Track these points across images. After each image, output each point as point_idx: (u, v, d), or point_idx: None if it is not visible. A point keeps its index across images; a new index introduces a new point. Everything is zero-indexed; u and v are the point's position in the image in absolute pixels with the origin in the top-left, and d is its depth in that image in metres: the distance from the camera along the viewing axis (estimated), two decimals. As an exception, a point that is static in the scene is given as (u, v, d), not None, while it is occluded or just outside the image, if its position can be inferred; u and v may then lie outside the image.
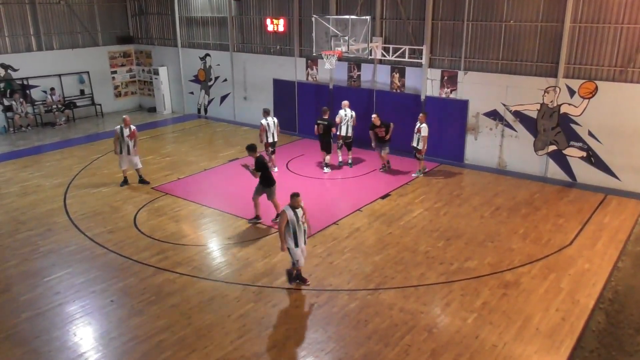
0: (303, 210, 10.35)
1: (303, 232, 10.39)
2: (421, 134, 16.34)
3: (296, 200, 10.21)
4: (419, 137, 16.49)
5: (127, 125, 16.05)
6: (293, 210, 10.21)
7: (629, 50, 14.97)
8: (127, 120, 16.14)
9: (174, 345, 9.02)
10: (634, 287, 10.74)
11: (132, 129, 16.19)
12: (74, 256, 12.16)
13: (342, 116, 17.74)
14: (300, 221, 10.27)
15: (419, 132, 16.43)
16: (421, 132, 16.34)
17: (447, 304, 10.13)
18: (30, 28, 24.16)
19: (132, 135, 16.11)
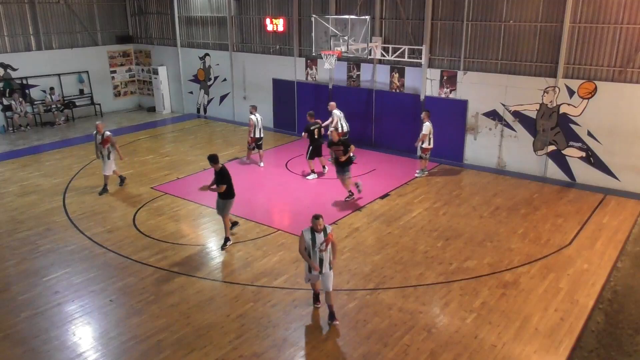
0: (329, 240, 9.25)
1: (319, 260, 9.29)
2: (422, 132, 16.47)
3: (315, 223, 9.17)
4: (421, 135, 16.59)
5: (100, 131, 15.44)
6: (312, 233, 9.28)
7: (628, 51, 14.98)
8: (99, 127, 15.52)
9: (173, 345, 9.02)
10: (633, 287, 10.74)
11: (106, 135, 15.46)
12: (73, 256, 12.15)
13: (338, 115, 18.25)
14: (317, 247, 9.23)
15: None
16: (422, 130, 16.47)
17: (446, 304, 10.13)
18: (30, 27, 24.15)
19: (106, 142, 15.44)
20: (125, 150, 20.19)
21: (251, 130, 18.01)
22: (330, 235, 9.28)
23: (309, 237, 9.25)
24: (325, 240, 9.22)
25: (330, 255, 9.42)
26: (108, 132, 15.64)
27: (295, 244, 12.48)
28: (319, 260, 9.31)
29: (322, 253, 9.27)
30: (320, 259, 9.30)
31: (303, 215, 14.20)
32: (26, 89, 23.97)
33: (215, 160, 12.27)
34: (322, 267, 9.36)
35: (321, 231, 9.23)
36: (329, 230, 9.32)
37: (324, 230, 9.25)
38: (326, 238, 9.23)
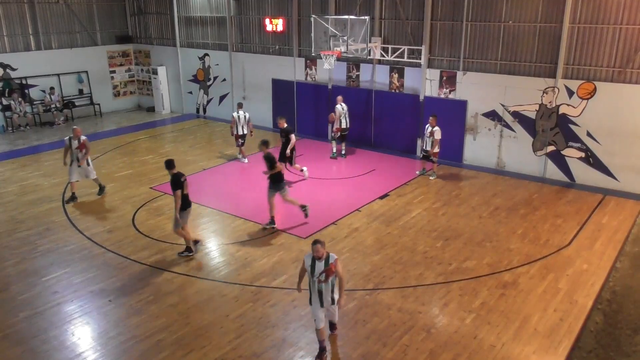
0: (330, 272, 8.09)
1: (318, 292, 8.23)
2: (434, 137, 16.32)
3: (313, 249, 8.11)
4: (432, 140, 16.45)
5: (77, 136, 14.96)
6: (312, 259, 8.23)
7: (627, 51, 14.99)
8: (77, 131, 15.03)
9: (172, 345, 9.02)
10: (632, 287, 10.75)
11: (82, 139, 15.01)
12: (73, 255, 12.15)
13: (340, 110, 18.60)
14: (315, 277, 8.16)
15: (432, 136, 16.38)
16: (434, 135, 16.31)
17: (445, 304, 10.14)
18: (29, 27, 24.14)
19: (82, 147, 15.01)
20: (124, 150, 20.24)
21: (232, 127, 18.55)
22: (332, 266, 8.10)
23: (309, 263, 8.25)
24: (326, 271, 8.10)
25: (332, 289, 8.28)
26: (84, 137, 15.18)
27: (295, 244, 12.55)
28: (318, 292, 8.21)
29: (322, 284, 8.17)
30: (319, 290, 8.21)
31: (302, 215, 14.22)
32: (25, 88, 23.96)
33: (169, 166, 11.85)
34: (322, 299, 8.27)
35: (322, 259, 8.14)
36: (332, 260, 8.14)
37: (326, 258, 8.15)
38: (327, 268, 8.11)
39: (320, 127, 21.72)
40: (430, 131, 16.38)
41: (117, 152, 20.03)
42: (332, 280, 8.23)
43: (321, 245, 8.11)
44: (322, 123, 21.59)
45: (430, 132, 16.37)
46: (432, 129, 16.37)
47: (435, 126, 16.33)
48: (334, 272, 8.14)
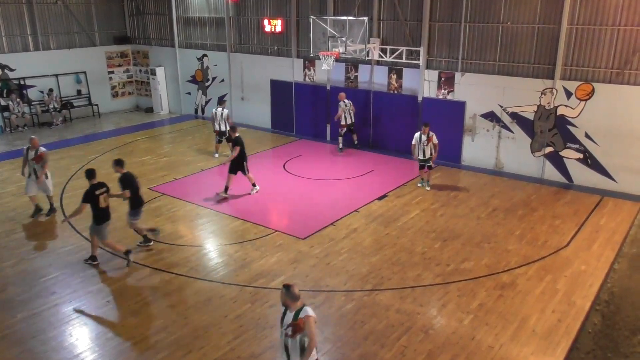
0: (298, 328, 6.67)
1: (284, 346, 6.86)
2: (433, 141, 15.76)
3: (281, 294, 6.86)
4: (431, 149, 15.73)
5: (34, 147, 13.97)
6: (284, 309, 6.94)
7: (625, 52, 15.01)
8: (34, 141, 14.00)
9: (170, 346, 9.01)
10: (630, 288, 10.76)
11: (40, 151, 13.99)
12: (71, 256, 12.13)
13: (343, 107, 19.19)
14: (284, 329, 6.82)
15: (430, 142, 15.69)
16: (433, 140, 15.75)
17: (443, 305, 10.14)
18: (27, 28, 24.12)
19: (39, 159, 13.98)
20: (123, 151, 20.22)
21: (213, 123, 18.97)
22: (300, 322, 6.68)
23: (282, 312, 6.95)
24: (293, 325, 6.72)
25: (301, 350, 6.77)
26: (43, 149, 14.23)
27: (293, 244, 12.54)
28: (284, 346, 6.89)
29: (288, 339, 6.82)
30: (285, 344, 6.88)
31: (301, 216, 14.26)
32: (24, 89, 23.94)
33: (119, 165, 12.05)
34: (289, 355, 6.89)
35: (293, 310, 6.77)
36: (302, 315, 6.70)
37: (297, 311, 6.73)
38: (295, 322, 6.72)
39: (318, 128, 21.72)
40: (428, 138, 15.67)
41: (116, 153, 20.00)
42: (302, 338, 6.73)
43: (289, 294, 6.73)
44: (320, 124, 21.60)
45: (428, 139, 15.67)
46: (427, 136, 15.66)
47: (429, 132, 15.71)
48: (302, 330, 6.70)
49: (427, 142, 15.66)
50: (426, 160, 15.88)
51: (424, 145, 15.71)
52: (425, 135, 15.66)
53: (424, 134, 15.67)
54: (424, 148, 15.73)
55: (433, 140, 15.76)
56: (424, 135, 15.67)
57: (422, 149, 15.75)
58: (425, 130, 15.67)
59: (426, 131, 15.66)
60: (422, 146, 15.75)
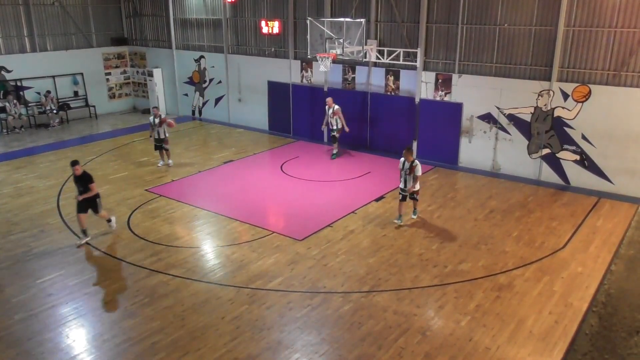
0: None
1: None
2: (415, 172, 13.10)
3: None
4: (413, 177, 13.17)
5: None
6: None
7: (622, 54, 15.05)
8: None
9: (167, 347, 9.00)
10: (626, 290, 10.77)
11: None
12: (67, 258, 12.11)
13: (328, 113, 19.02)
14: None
15: (412, 172, 13.14)
16: (415, 171, 13.09)
17: (440, 307, 10.14)
18: (24, 29, 24.08)
19: None
20: (120, 152, 20.20)
21: None
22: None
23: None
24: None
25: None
26: None
27: (290, 246, 12.54)
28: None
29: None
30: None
31: (298, 217, 14.24)
32: (20, 90, 23.89)
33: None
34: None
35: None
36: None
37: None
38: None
39: (315, 130, 21.71)
40: (410, 167, 13.14)
41: (113, 154, 19.99)
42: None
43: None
44: (317, 125, 21.60)
45: (410, 168, 13.13)
46: (409, 164, 13.14)
47: (413, 160, 13.19)
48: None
49: (409, 170, 13.14)
50: (407, 191, 13.43)
51: (405, 174, 13.25)
52: (409, 163, 13.13)
53: (407, 160, 13.15)
54: (405, 177, 13.29)
55: (415, 171, 13.05)
56: (407, 161, 13.17)
57: (404, 178, 13.31)
58: (406, 155, 13.16)
59: (409, 157, 13.14)
60: (403, 174, 13.31)
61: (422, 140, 19.05)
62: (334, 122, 18.83)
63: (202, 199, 15.50)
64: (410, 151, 13.22)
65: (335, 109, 18.67)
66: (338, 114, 18.72)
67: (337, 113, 18.71)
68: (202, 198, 15.60)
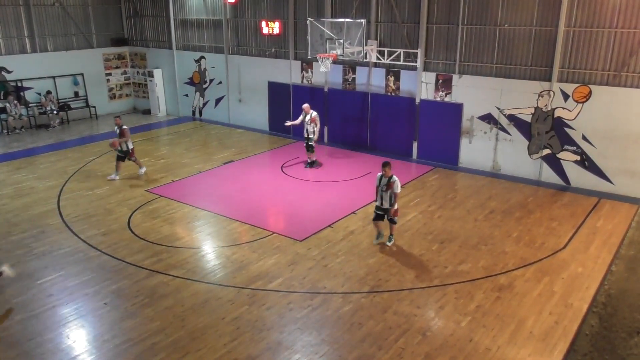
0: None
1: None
2: (393, 189, 12.01)
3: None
4: (390, 195, 12.07)
5: None
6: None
7: (622, 55, 15.04)
8: None
9: (167, 348, 9.00)
10: (627, 290, 10.77)
11: None
12: (68, 258, 12.11)
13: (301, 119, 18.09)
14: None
15: (389, 189, 12.01)
16: (393, 188, 12.00)
17: (441, 307, 10.14)
18: (25, 30, 24.09)
19: None
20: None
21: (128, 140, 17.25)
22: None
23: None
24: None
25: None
26: None
27: (291, 246, 12.54)
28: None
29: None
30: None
31: (298, 218, 14.25)
32: (21, 91, 23.91)
33: None
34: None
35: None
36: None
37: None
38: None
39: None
40: (388, 183, 12.05)
41: (113, 155, 19.95)
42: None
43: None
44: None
45: (389, 184, 12.04)
46: (387, 180, 12.07)
47: (392, 177, 12.06)
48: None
49: (386, 187, 12.08)
50: (384, 210, 12.33)
51: (382, 191, 12.19)
52: (386, 179, 12.10)
53: (385, 176, 12.13)
54: (382, 194, 12.21)
55: (393, 187, 12.02)
56: (385, 177, 12.14)
57: (380, 195, 12.24)
58: (385, 171, 12.15)
59: (387, 173, 12.12)
60: (380, 191, 12.26)
61: (422, 140, 19.06)
62: (311, 129, 17.67)
63: (203, 200, 15.50)
64: (389, 166, 12.16)
65: (313, 115, 17.60)
66: (315, 121, 17.63)
67: (315, 120, 17.62)
68: (202, 199, 15.60)
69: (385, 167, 12.12)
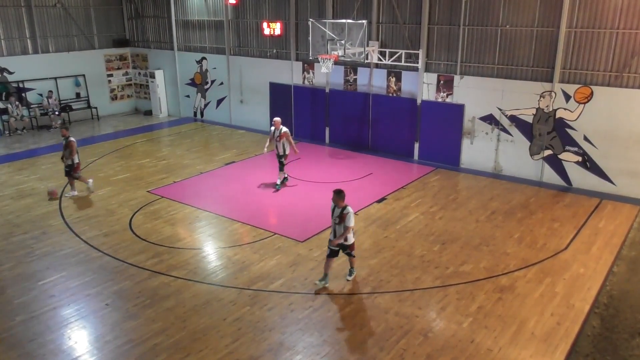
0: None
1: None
2: (346, 223, 10.35)
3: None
4: (343, 227, 10.41)
5: None
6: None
7: (624, 56, 15.03)
8: None
9: (169, 349, 9.00)
10: (628, 291, 10.76)
11: None
12: (69, 259, 12.12)
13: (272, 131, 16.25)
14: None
15: (342, 221, 10.38)
16: (345, 221, 10.34)
17: (442, 308, 10.13)
18: (27, 31, 24.11)
19: None
20: (121, 153, 20.22)
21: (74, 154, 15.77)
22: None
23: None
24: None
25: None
26: None
27: (292, 247, 12.54)
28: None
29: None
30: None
31: (299, 218, 14.24)
32: (22, 92, 23.92)
33: None
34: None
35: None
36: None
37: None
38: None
39: (317, 131, 21.73)
40: (341, 214, 10.37)
41: (114, 156, 20.02)
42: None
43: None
44: (319, 126, 21.62)
45: (341, 216, 10.38)
46: (340, 211, 10.41)
47: (345, 208, 10.40)
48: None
49: (339, 219, 10.44)
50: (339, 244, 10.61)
51: (335, 223, 10.54)
52: (339, 210, 10.43)
53: (337, 205, 10.46)
54: (335, 227, 10.57)
55: (346, 220, 10.34)
56: (338, 208, 10.47)
57: (334, 228, 10.61)
58: (336, 201, 10.45)
59: (339, 203, 10.41)
60: (332, 223, 10.63)
61: (423, 141, 19.05)
62: (281, 147, 15.98)
63: (204, 201, 15.50)
64: (341, 195, 10.39)
65: (283, 131, 15.84)
66: (286, 137, 15.92)
67: (285, 136, 15.87)
68: (203, 199, 15.61)
69: (336, 196, 10.41)
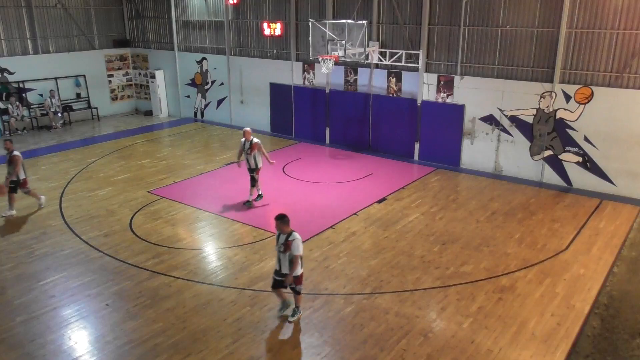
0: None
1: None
2: (292, 251, 9.24)
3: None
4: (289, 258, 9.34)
5: None
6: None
7: (624, 56, 15.03)
8: None
9: (169, 349, 9.00)
10: (629, 292, 10.76)
11: None
12: (69, 260, 12.12)
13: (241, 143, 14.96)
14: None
15: (288, 250, 9.26)
16: (292, 249, 9.24)
17: (442, 309, 10.13)
18: (27, 31, 24.12)
19: None
20: (122, 154, 20.22)
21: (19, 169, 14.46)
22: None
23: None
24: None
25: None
26: None
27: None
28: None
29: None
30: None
31: (299, 219, 14.21)
32: (23, 92, 23.93)
33: None
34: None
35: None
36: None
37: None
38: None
39: (317, 131, 21.73)
40: (286, 241, 9.27)
41: (115, 156, 20.02)
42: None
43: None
44: (319, 127, 21.62)
45: (286, 243, 9.26)
46: (285, 237, 9.32)
47: (291, 234, 9.31)
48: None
49: (284, 247, 9.33)
50: (283, 275, 9.51)
51: (279, 251, 9.44)
52: (284, 236, 9.34)
53: (282, 231, 9.36)
54: (279, 255, 9.48)
55: (292, 248, 9.22)
56: (283, 234, 9.36)
57: (278, 257, 9.53)
58: (280, 227, 9.34)
59: (283, 229, 9.33)
60: (277, 251, 9.53)
61: (424, 141, 19.05)
62: (252, 160, 14.70)
63: (204, 201, 15.50)
64: (285, 220, 9.29)
65: (254, 142, 14.62)
66: (257, 148, 14.69)
67: (257, 147, 14.65)
68: (204, 200, 15.61)
69: (277, 221, 9.31)
